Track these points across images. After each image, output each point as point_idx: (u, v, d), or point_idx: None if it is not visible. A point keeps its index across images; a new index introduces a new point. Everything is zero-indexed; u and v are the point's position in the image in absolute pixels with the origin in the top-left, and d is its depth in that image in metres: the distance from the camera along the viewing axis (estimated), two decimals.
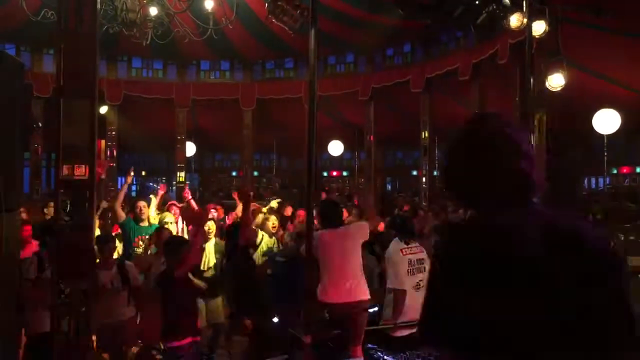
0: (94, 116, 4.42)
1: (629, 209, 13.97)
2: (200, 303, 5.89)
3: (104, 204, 8.45)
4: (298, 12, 5.90)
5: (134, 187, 26.68)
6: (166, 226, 7.53)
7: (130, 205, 7.53)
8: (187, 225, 7.59)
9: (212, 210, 9.03)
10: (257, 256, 6.72)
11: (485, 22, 8.53)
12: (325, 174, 23.62)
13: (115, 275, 5.40)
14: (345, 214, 7.82)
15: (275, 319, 5.12)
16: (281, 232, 7.72)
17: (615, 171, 17.25)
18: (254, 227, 7.20)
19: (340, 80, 17.21)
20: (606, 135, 12.13)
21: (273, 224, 7.21)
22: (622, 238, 9.74)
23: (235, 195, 8.57)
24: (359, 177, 20.48)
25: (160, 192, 8.24)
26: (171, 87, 17.93)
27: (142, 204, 7.29)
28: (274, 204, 9.35)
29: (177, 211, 8.32)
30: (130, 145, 20.06)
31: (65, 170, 4.13)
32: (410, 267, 5.56)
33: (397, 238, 5.68)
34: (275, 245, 7.10)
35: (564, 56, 8.32)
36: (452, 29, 13.79)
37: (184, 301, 4.76)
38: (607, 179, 16.05)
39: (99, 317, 4.47)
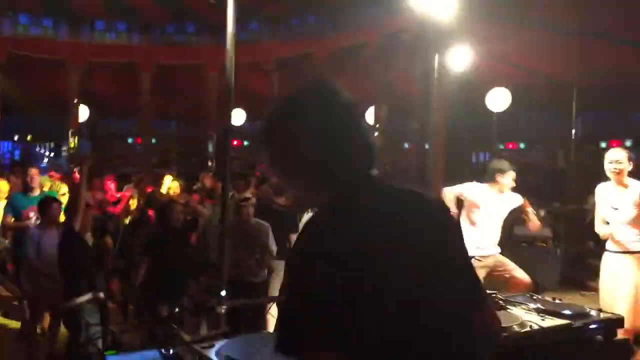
0: None
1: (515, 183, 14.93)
2: None
3: None
4: None
5: (16, 152, 24.89)
6: (61, 197, 7.20)
7: (20, 173, 7.09)
8: None
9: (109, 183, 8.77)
10: None
11: None
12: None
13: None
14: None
15: None
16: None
17: (502, 147, 18.35)
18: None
19: (243, 49, 16.91)
20: (496, 112, 12.87)
21: None
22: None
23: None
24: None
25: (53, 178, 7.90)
26: (63, 47, 16.81)
27: (34, 171, 6.88)
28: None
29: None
30: (15, 106, 18.65)
31: None
32: None
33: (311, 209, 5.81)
34: None
35: (467, 37, 8.73)
36: (360, 2, 13.95)
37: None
38: (487, 155, 17.12)
39: None
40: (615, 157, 4.57)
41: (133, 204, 7.47)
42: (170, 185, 7.84)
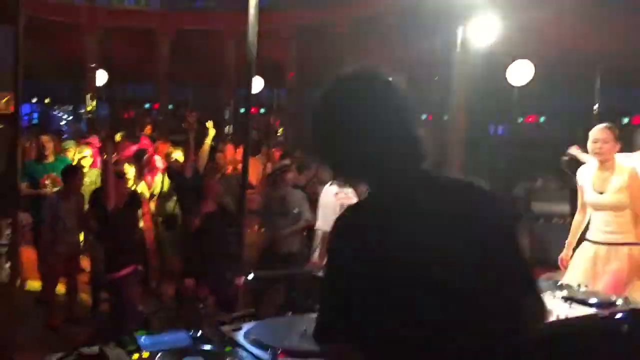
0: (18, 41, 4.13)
1: (533, 157, 14.82)
2: None
3: None
4: None
5: (35, 116, 24.98)
6: (83, 161, 7.15)
7: (33, 140, 7.05)
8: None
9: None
10: None
11: None
12: (242, 110, 23.24)
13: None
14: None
15: None
16: None
17: (521, 120, 18.11)
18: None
19: (261, 16, 16.69)
20: (517, 86, 12.65)
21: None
22: (529, 186, 10.39)
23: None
24: (276, 115, 20.30)
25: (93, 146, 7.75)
26: (80, 11, 16.71)
27: (45, 138, 6.91)
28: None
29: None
30: (32, 71, 18.64)
31: None
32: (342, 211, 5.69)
33: (332, 182, 5.76)
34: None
35: (490, 8, 8.54)
36: None
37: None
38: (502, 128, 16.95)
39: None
40: (599, 136, 3.93)
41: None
42: (174, 156, 7.22)
